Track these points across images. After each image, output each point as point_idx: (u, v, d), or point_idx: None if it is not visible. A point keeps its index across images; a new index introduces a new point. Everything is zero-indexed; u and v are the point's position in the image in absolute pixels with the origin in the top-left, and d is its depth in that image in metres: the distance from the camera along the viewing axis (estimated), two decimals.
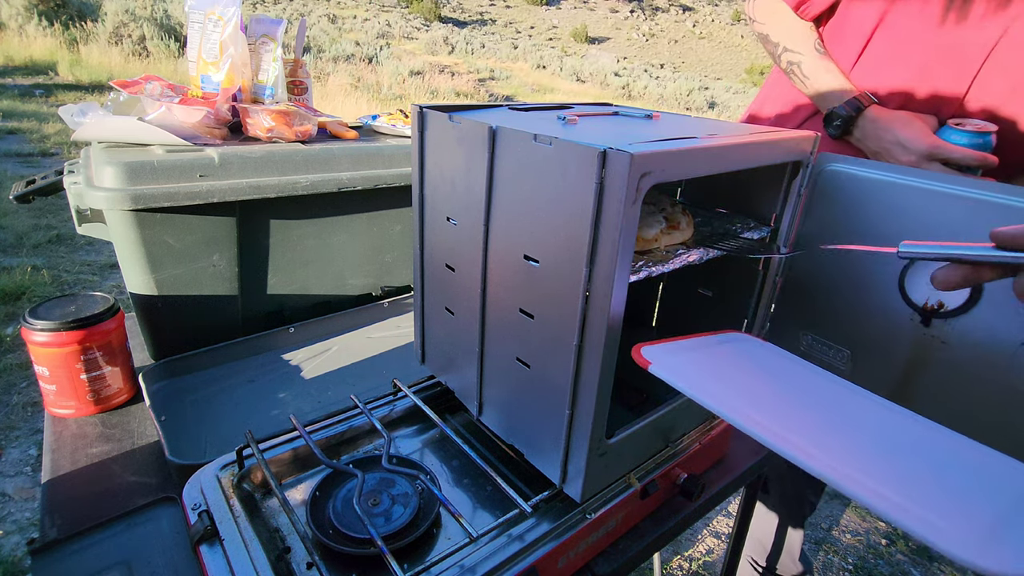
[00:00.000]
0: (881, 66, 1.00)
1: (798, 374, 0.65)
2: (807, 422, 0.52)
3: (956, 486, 0.46)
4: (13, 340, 2.61)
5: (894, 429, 0.54)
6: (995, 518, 0.42)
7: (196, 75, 1.13)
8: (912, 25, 0.95)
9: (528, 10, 40.30)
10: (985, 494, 0.45)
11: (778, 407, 0.54)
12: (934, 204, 0.68)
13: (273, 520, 0.66)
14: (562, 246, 0.55)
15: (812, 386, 0.62)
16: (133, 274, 0.96)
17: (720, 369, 0.62)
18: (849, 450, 0.48)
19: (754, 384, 0.60)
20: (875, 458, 0.48)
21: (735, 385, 0.58)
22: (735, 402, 0.52)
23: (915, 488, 0.44)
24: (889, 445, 0.51)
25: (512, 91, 16.82)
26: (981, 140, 0.85)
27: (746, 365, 0.66)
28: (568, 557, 0.66)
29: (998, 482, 0.47)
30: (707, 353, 0.66)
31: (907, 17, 0.95)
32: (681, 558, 1.88)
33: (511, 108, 0.75)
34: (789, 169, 0.74)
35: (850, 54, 1.03)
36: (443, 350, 0.81)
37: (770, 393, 0.58)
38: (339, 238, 1.17)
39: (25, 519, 1.79)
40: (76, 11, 11.10)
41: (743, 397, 0.54)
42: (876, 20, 0.99)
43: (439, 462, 0.79)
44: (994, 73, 0.89)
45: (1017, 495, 0.45)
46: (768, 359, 0.68)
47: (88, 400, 0.89)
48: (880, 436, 0.53)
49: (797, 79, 1.06)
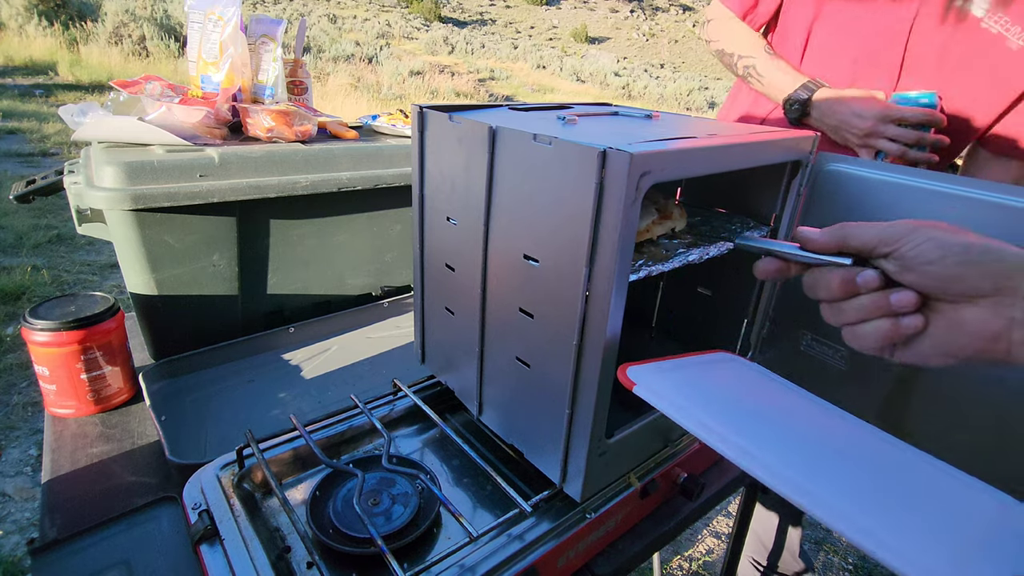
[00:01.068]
0: (824, 56, 1.09)
1: (783, 398, 0.64)
2: (787, 448, 0.53)
3: (930, 516, 0.46)
4: (13, 340, 2.61)
5: (872, 456, 0.55)
6: (963, 551, 0.42)
7: (196, 75, 1.13)
8: (844, 13, 1.04)
9: (528, 10, 40.31)
10: (955, 525, 0.45)
11: (759, 432, 0.54)
12: (933, 204, 0.68)
13: (273, 520, 0.66)
14: (562, 246, 0.55)
15: (797, 411, 0.62)
16: (133, 274, 0.96)
17: (705, 391, 0.62)
18: (822, 474, 0.49)
19: (737, 408, 0.60)
20: (849, 484, 0.48)
21: (718, 409, 0.58)
22: (716, 427, 0.53)
23: (888, 517, 0.44)
24: (864, 473, 0.51)
25: (512, 91, 16.83)
26: (927, 100, 0.93)
27: (732, 387, 0.65)
28: (568, 557, 0.66)
29: (971, 513, 0.47)
30: (694, 374, 0.66)
31: (839, 7, 1.05)
32: (681, 558, 1.88)
33: (511, 108, 0.76)
34: (788, 169, 0.74)
35: (795, 51, 1.13)
36: (443, 350, 0.81)
37: (752, 417, 0.58)
38: (339, 238, 1.17)
39: (25, 519, 1.79)
40: (76, 11, 11.10)
41: (725, 422, 0.55)
42: (812, 16, 1.08)
43: (439, 462, 0.79)
44: (920, 44, 0.98)
45: (986, 528, 0.45)
46: (755, 382, 0.68)
47: (88, 400, 0.89)
48: (857, 462, 0.53)
49: (754, 80, 1.14)
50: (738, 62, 1.15)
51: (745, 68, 1.14)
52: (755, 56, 1.13)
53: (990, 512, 0.47)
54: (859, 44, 1.04)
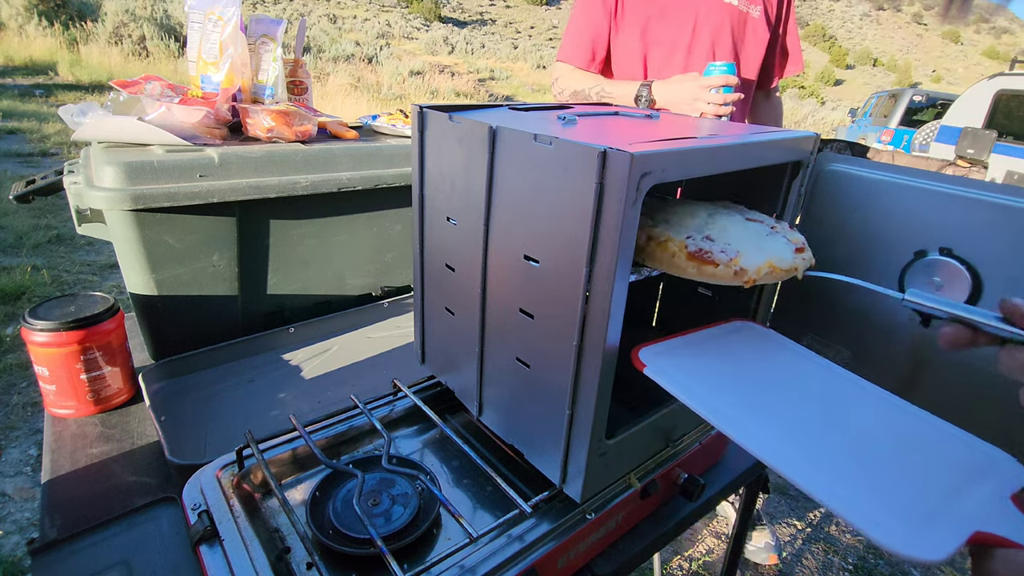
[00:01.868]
0: (660, 68, 1.51)
1: (798, 368, 0.66)
2: (794, 423, 0.55)
3: (913, 473, 0.49)
4: (13, 340, 2.61)
5: (876, 421, 0.57)
6: (936, 504, 0.45)
7: (196, 75, 1.13)
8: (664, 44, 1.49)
9: (528, 10, 40.30)
10: (936, 481, 0.48)
11: (766, 411, 0.56)
12: (934, 204, 0.68)
13: (273, 520, 0.66)
14: (562, 246, 0.55)
15: (809, 380, 0.63)
16: (133, 274, 0.96)
17: (717, 369, 0.63)
18: (824, 453, 0.51)
19: (747, 385, 0.61)
20: (845, 454, 0.51)
21: (729, 387, 0.59)
22: (725, 410, 0.54)
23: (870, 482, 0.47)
24: (870, 442, 0.54)
25: (512, 91, 16.82)
26: (726, 67, 1.28)
27: (747, 362, 0.66)
28: (568, 557, 0.66)
29: (958, 468, 0.50)
30: (707, 350, 0.66)
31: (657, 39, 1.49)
32: (681, 558, 1.88)
33: (511, 108, 0.75)
34: (789, 169, 0.74)
35: (638, 75, 1.53)
36: (443, 350, 0.81)
37: (761, 393, 0.59)
38: (339, 238, 1.17)
39: (25, 519, 1.79)
40: (76, 11, 11.10)
41: (734, 403, 0.56)
42: (642, 52, 1.50)
43: (439, 462, 0.79)
44: (702, 40, 1.47)
45: (967, 482, 0.47)
46: (768, 351, 0.69)
47: (88, 400, 0.89)
48: (863, 432, 0.55)
49: (608, 98, 1.47)
50: (591, 91, 1.50)
51: (598, 93, 1.49)
52: (600, 83, 1.50)
53: (979, 468, 0.49)
54: (680, 55, 1.49)
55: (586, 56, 1.52)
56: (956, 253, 0.67)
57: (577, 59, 1.53)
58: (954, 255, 0.67)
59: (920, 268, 0.70)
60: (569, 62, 1.54)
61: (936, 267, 0.68)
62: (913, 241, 0.70)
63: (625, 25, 1.49)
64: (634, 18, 1.48)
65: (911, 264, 0.70)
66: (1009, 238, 0.63)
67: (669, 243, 0.62)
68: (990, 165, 5.70)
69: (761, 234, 0.65)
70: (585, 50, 1.52)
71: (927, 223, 0.68)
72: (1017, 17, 69.15)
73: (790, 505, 2.15)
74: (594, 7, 1.50)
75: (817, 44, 47.65)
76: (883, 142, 8.10)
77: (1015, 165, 5.63)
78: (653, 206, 0.71)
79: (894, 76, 43.21)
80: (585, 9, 1.51)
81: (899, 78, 41.14)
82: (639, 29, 1.48)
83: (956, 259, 0.67)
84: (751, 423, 0.53)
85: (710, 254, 0.60)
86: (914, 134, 7.50)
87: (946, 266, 0.67)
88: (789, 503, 2.16)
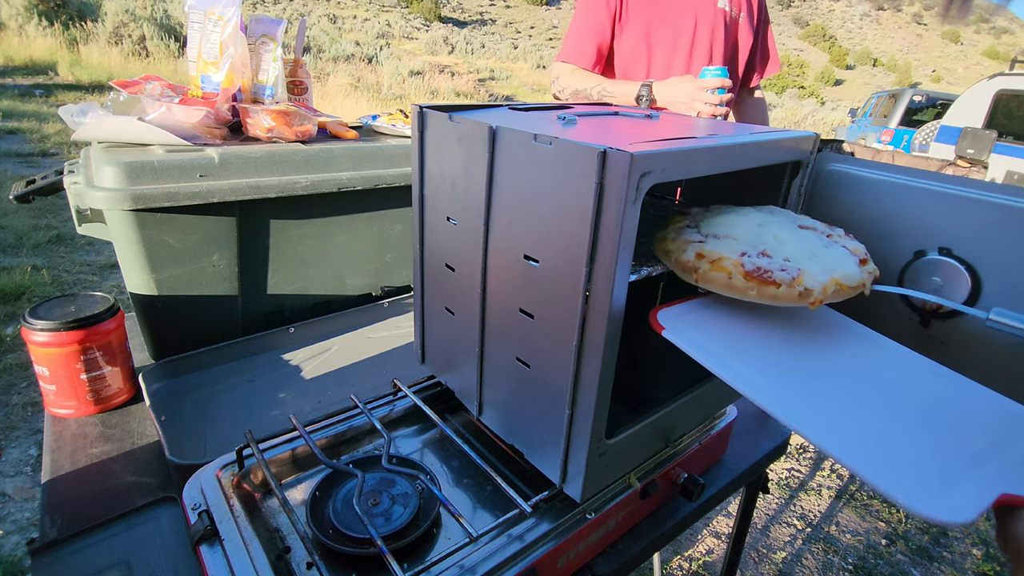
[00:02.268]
0: (663, 69, 1.58)
1: (824, 328, 0.63)
2: (820, 385, 0.52)
3: (941, 434, 0.48)
4: (13, 340, 2.61)
5: (908, 383, 0.55)
6: (962, 465, 0.44)
7: (196, 75, 1.13)
8: (665, 45, 1.55)
9: (528, 10, 40.30)
10: (964, 440, 0.47)
11: (794, 370, 0.53)
12: (933, 204, 0.68)
13: (273, 520, 0.66)
14: (562, 246, 0.55)
15: (836, 340, 0.61)
16: (133, 274, 0.96)
17: (737, 328, 0.60)
18: (848, 415, 0.49)
19: (773, 346, 0.58)
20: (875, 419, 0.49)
21: (752, 350, 0.57)
22: (747, 372, 0.52)
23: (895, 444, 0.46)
24: (896, 403, 0.52)
25: (512, 91, 16.83)
26: (719, 71, 1.36)
27: (769, 322, 0.63)
28: (568, 557, 0.66)
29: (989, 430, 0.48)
30: (731, 310, 0.63)
31: (661, 40, 1.55)
32: (681, 558, 1.88)
33: (511, 108, 0.75)
34: (789, 169, 0.74)
35: (642, 76, 1.59)
36: (443, 350, 0.81)
37: (788, 355, 0.57)
38: (339, 238, 1.17)
39: (25, 519, 1.79)
40: (76, 11, 11.10)
41: (758, 364, 0.53)
42: (647, 55, 1.57)
43: (439, 462, 0.79)
44: (701, 42, 1.56)
45: (994, 438, 0.47)
46: (795, 311, 0.66)
47: (88, 400, 0.89)
48: (890, 393, 0.53)
49: (609, 97, 1.52)
50: (592, 90, 1.54)
51: (600, 94, 1.53)
52: (601, 83, 1.54)
53: (1009, 429, 0.48)
54: (681, 57, 1.57)
55: (591, 57, 1.57)
56: (956, 253, 0.67)
57: (582, 60, 1.58)
58: (954, 255, 0.67)
59: (920, 268, 0.70)
60: (573, 63, 1.59)
61: (936, 267, 0.68)
62: (913, 241, 0.70)
63: (628, 28, 1.54)
64: (637, 21, 1.53)
65: (911, 264, 0.70)
66: (1009, 238, 0.63)
67: (723, 261, 0.58)
68: (990, 165, 5.70)
69: (819, 245, 0.61)
70: (590, 51, 1.57)
71: (927, 223, 0.68)
72: (1017, 17, 69.21)
73: (790, 505, 2.15)
74: (598, 10, 1.54)
75: (817, 44, 47.64)
76: (883, 142, 8.11)
77: (1015, 165, 5.63)
78: (697, 216, 0.68)
79: (894, 76, 43.21)
80: (589, 12, 1.55)
81: (899, 78, 41.14)
82: (642, 32, 1.54)
83: (956, 259, 0.67)
84: (774, 387, 0.51)
85: (770, 273, 0.56)
86: (914, 134, 7.50)
87: (946, 266, 0.67)
88: (789, 503, 2.16)
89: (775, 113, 18.62)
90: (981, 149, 5.64)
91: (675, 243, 0.64)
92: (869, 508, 2.16)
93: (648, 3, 1.53)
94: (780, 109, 19.48)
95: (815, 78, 37.32)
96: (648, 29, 1.54)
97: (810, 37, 48.94)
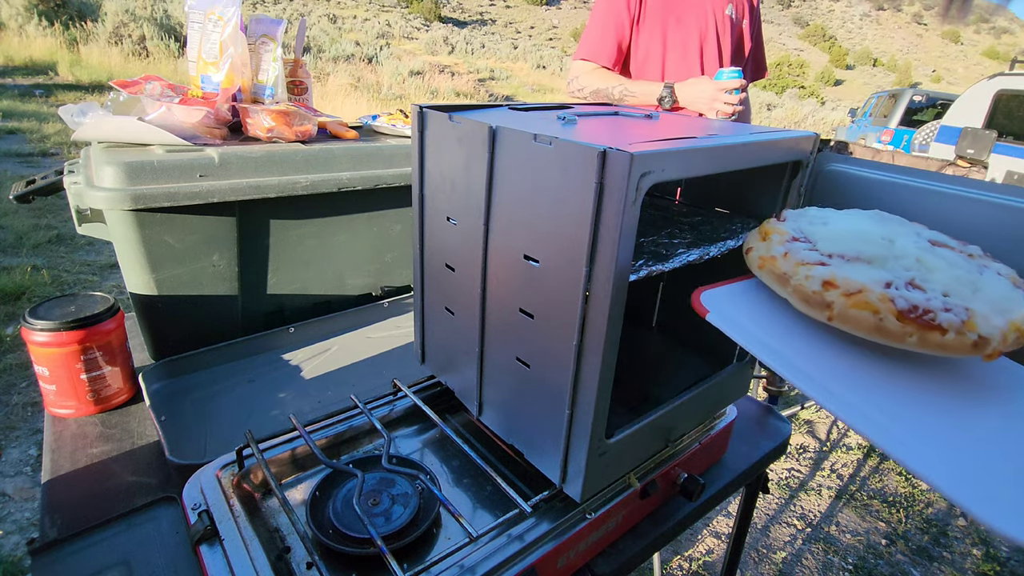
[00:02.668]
0: (678, 70, 1.62)
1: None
2: (884, 383, 0.47)
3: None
4: (13, 340, 2.61)
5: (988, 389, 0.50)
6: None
7: (196, 75, 1.13)
8: (680, 46, 1.60)
9: (528, 10, 40.30)
10: None
11: (848, 364, 0.48)
12: (933, 204, 0.68)
13: (273, 520, 0.66)
14: (562, 246, 0.55)
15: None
16: (133, 274, 0.96)
17: (784, 313, 0.54)
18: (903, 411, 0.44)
19: (828, 336, 0.52)
20: (949, 426, 0.44)
21: (805, 338, 0.51)
22: (794, 359, 0.47)
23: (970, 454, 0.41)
24: (975, 411, 0.47)
25: (512, 91, 16.83)
26: (736, 73, 1.44)
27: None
28: (568, 557, 0.66)
29: None
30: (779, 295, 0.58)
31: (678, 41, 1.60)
32: (681, 558, 1.88)
33: (511, 108, 0.75)
34: (789, 169, 0.74)
35: (656, 76, 1.64)
36: (443, 350, 0.81)
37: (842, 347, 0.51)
38: (339, 238, 1.17)
39: (25, 519, 1.79)
40: (76, 11, 11.10)
41: (811, 354, 0.48)
42: (661, 52, 1.61)
43: (439, 462, 0.79)
44: (713, 46, 1.62)
45: None
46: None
47: (88, 400, 0.89)
48: (965, 399, 0.48)
49: (629, 96, 1.57)
50: (613, 90, 1.58)
51: (621, 93, 1.57)
52: (623, 83, 1.58)
53: None
54: (694, 59, 1.62)
55: (612, 55, 1.60)
56: None
57: (602, 58, 1.61)
58: None
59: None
60: (594, 60, 1.62)
61: None
62: None
63: (645, 29, 1.59)
64: (654, 23, 1.59)
65: None
66: (1009, 238, 0.63)
67: (866, 295, 0.46)
68: (990, 165, 5.70)
69: (973, 271, 0.50)
70: (611, 49, 1.60)
71: (926, 223, 0.68)
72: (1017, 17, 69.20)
73: (790, 505, 2.15)
74: (618, 10, 1.58)
75: (817, 44, 47.65)
76: (883, 142, 8.11)
77: (1015, 165, 5.63)
78: (799, 220, 0.58)
79: (894, 76, 43.22)
80: (609, 11, 1.59)
81: (899, 78, 41.15)
82: (659, 34, 1.59)
83: None
84: (832, 381, 0.45)
85: (932, 315, 0.44)
86: (914, 134, 7.50)
87: None
88: (789, 503, 2.16)
89: (775, 113, 18.64)
90: (981, 149, 5.64)
91: (787, 263, 0.53)
92: (869, 508, 2.16)
93: (665, 6, 1.57)
94: (780, 109, 19.49)
95: (815, 78, 37.33)
96: (664, 31, 1.58)
97: (810, 37, 48.95)
